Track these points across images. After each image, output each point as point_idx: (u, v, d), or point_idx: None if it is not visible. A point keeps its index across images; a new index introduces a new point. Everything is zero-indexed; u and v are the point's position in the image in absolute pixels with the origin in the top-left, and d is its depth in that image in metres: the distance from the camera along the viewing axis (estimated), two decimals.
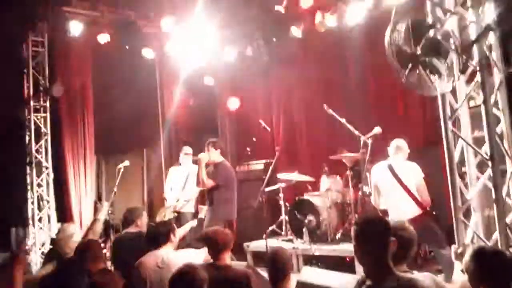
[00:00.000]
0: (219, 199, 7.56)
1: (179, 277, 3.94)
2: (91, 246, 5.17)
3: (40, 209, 9.33)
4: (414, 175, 6.42)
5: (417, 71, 4.52)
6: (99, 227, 6.26)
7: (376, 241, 3.14)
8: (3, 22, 8.34)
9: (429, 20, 4.63)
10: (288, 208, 8.67)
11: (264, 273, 4.85)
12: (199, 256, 5.19)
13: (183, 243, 6.29)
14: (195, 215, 9.03)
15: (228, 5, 8.71)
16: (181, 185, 8.93)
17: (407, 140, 6.70)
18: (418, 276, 3.53)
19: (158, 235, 5.45)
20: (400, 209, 6.34)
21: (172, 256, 5.18)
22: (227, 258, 4.95)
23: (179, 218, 8.56)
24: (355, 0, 8.14)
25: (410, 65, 4.50)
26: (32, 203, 9.28)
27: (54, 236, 8.29)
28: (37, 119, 9.51)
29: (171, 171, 9.50)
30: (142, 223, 6.49)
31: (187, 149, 9.09)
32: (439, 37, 4.47)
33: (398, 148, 6.58)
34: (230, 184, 7.67)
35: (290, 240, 8.44)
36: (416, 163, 6.53)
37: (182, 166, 9.09)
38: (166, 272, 4.70)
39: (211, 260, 4.90)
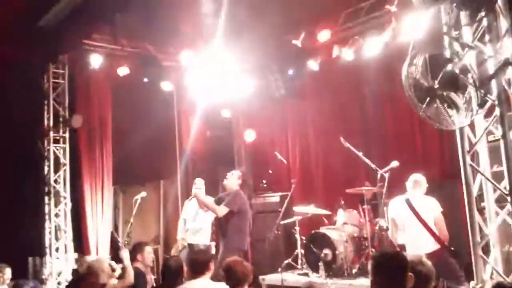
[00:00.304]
0: (232, 229, 7.58)
1: None
2: (85, 279, 5.05)
3: (57, 239, 9.34)
4: (432, 209, 6.35)
5: (435, 105, 4.50)
6: (131, 274, 6.15)
7: (393, 276, 3.11)
8: (25, 54, 8.51)
9: (447, 54, 4.64)
10: (304, 241, 8.59)
11: None
12: None
13: None
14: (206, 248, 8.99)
15: (245, 38, 8.80)
16: (193, 217, 8.91)
17: (424, 174, 6.66)
18: None
19: (198, 263, 5.40)
20: (418, 244, 6.26)
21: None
22: None
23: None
24: (372, 33, 8.22)
25: (427, 99, 4.49)
26: (50, 233, 9.29)
27: (73, 267, 8.30)
28: (57, 149, 9.57)
29: (185, 204, 9.52)
30: (143, 258, 6.43)
31: (199, 183, 9.09)
32: (457, 71, 4.47)
33: (416, 182, 6.54)
34: (243, 213, 7.68)
35: (306, 274, 8.36)
36: (434, 197, 6.47)
37: (194, 199, 9.10)
38: None
39: None
